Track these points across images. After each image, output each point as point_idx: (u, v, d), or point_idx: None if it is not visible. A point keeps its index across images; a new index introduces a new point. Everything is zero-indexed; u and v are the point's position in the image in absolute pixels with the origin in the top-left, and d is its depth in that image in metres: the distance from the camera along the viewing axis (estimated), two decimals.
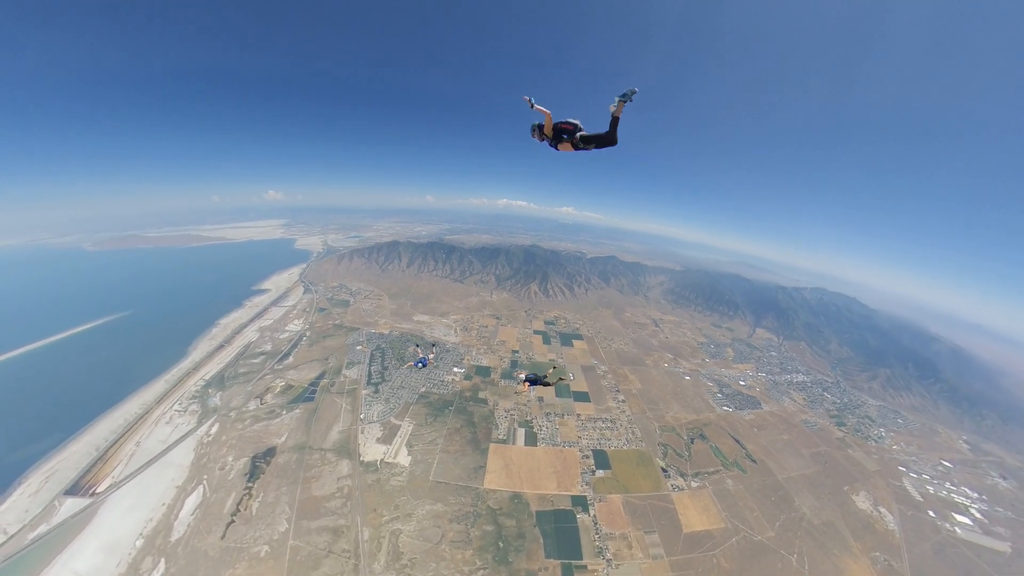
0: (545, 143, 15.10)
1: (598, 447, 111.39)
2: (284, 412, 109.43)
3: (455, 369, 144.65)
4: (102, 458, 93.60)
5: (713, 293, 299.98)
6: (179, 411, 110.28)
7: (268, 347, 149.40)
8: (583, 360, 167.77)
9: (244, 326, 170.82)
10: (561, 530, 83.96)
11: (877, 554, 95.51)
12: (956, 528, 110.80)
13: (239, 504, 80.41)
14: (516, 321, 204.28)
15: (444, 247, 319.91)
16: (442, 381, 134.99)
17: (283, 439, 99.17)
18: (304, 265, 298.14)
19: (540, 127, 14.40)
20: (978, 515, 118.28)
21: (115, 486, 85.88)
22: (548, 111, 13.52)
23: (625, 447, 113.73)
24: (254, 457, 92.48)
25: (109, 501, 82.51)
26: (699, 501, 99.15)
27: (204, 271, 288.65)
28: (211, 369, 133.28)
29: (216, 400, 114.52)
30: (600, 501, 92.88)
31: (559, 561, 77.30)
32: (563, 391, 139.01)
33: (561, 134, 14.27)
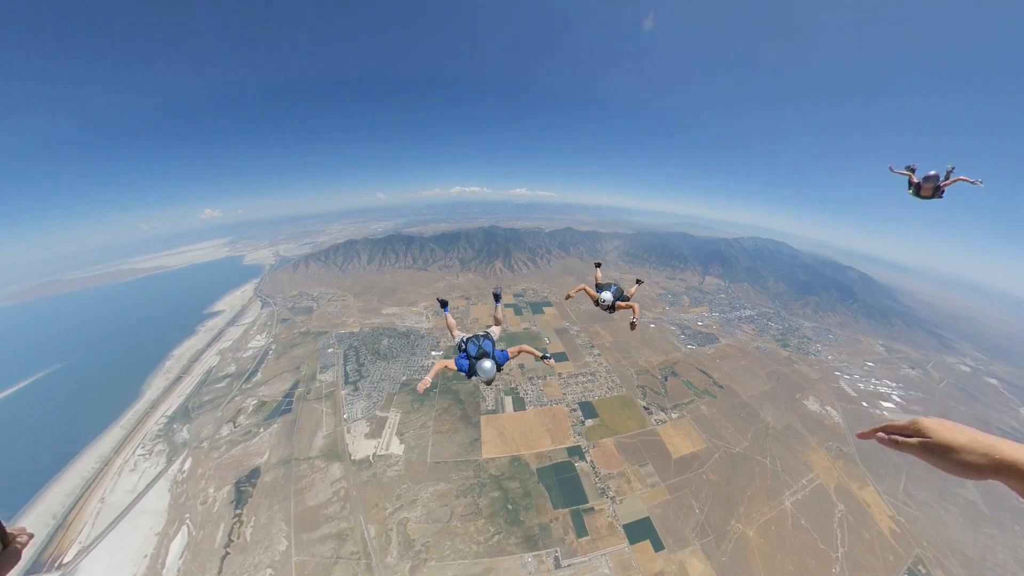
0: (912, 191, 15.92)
1: (583, 399, 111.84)
2: (261, 430, 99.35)
3: (433, 353, 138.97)
4: (62, 525, 79.48)
5: (664, 251, 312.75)
6: (143, 455, 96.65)
7: (232, 368, 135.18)
8: (556, 324, 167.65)
9: (201, 352, 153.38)
10: (563, 481, 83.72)
11: (831, 443, 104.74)
12: (884, 412, 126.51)
13: (231, 534, 72.24)
14: (486, 299, 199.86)
15: (403, 239, 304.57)
16: (422, 366, 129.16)
17: (265, 457, 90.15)
18: (257, 280, 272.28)
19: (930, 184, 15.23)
20: (898, 399, 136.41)
21: (84, 551, 73.65)
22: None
23: (608, 395, 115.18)
24: (237, 483, 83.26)
25: (81, 569, 70.61)
26: (681, 429, 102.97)
27: (145, 305, 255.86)
28: (172, 403, 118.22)
29: (184, 434, 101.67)
30: (594, 447, 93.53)
31: (567, 509, 77.18)
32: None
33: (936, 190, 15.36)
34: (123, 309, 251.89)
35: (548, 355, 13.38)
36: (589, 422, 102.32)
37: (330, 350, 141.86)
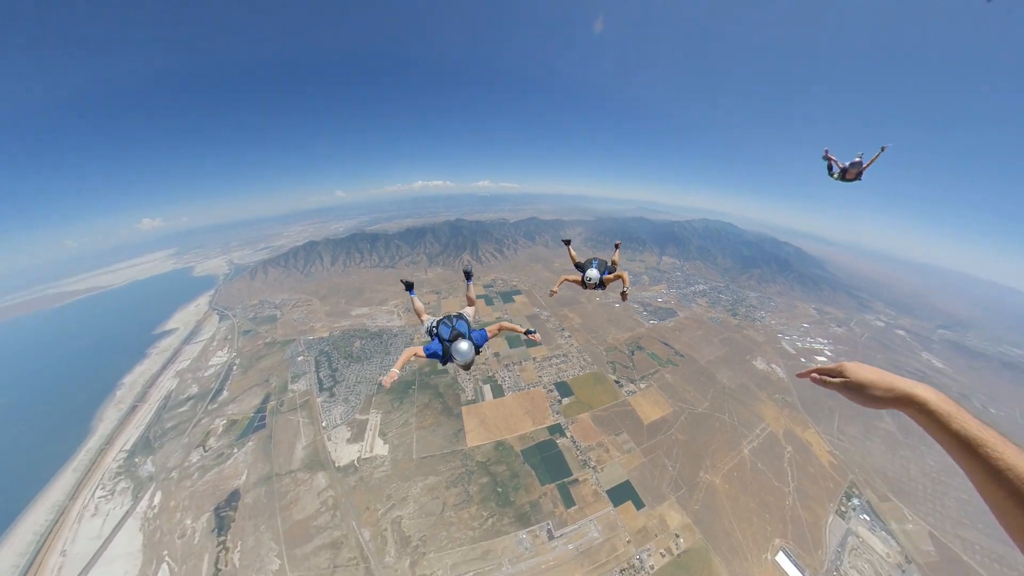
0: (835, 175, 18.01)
1: (558, 380, 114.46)
2: (235, 450, 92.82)
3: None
4: None
5: (623, 234, 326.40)
6: (105, 496, 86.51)
7: (194, 389, 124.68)
8: (527, 311, 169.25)
9: (156, 377, 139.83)
10: (547, 458, 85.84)
11: (777, 396, 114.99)
12: (819, 364, 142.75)
13: (217, 563, 67.62)
14: (456, 292, 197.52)
15: (367, 237, 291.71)
16: None
17: (243, 478, 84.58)
18: (212, 291, 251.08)
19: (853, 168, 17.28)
20: (829, 352, 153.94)
21: None
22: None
23: (581, 373, 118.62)
24: (217, 509, 77.59)
25: None
26: (650, 397, 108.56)
27: (83, 331, 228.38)
28: (130, 436, 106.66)
29: (148, 467, 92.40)
30: (572, 423, 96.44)
31: (553, 484, 79.47)
32: (515, 341, 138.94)
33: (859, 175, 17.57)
34: (57, 338, 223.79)
35: (532, 330, 11.62)
36: (566, 400, 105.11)
37: (300, 358, 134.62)
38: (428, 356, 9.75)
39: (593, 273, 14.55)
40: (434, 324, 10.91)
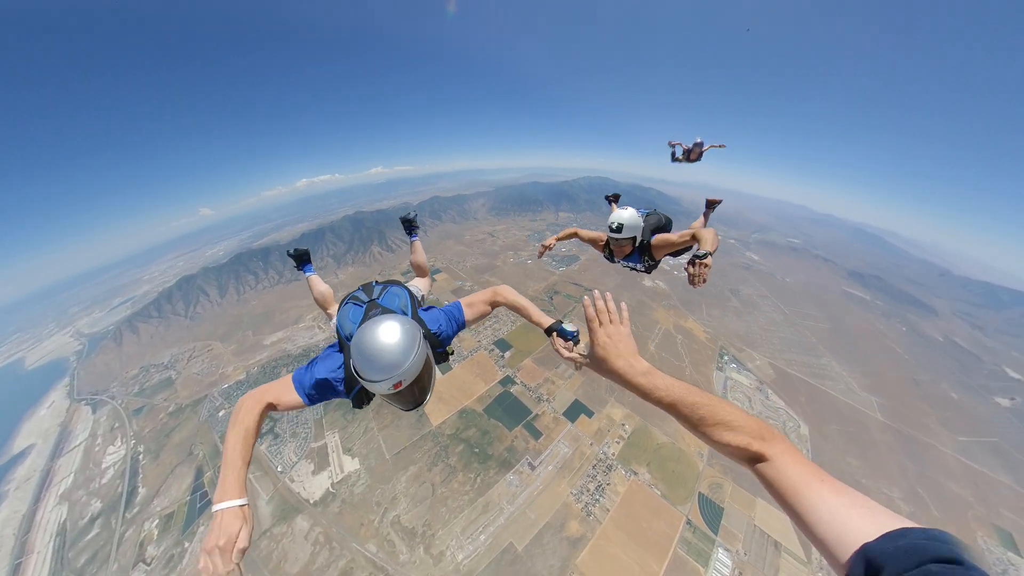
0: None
1: (496, 338, 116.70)
2: (187, 544, 74.80)
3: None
4: None
5: (522, 199, 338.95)
6: None
7: (96, 505, 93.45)
8: (450, 286, 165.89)
9: (30, 516, 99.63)
10: (507, 407, 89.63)
11: (664, 302, 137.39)
12: (686, 274, 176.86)
13: None
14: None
15: (257, 254, 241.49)
16: None
17: None
18: (66, 380, 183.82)
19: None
20: (684, 260, 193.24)
21: None
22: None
23: (513, 327, 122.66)
24: None
25: None
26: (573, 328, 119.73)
27: None
28: None
29: None
30: (519, 371, 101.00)
31: (520, 426, 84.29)
32: None
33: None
34: None
35: (572, 333, 2.94)
36: (507, 354, 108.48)
37: (221, 413, 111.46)
38: (309, 399, 2.78)
39: (625, 215, 6.27)
40: (339, 322, 3.96)
